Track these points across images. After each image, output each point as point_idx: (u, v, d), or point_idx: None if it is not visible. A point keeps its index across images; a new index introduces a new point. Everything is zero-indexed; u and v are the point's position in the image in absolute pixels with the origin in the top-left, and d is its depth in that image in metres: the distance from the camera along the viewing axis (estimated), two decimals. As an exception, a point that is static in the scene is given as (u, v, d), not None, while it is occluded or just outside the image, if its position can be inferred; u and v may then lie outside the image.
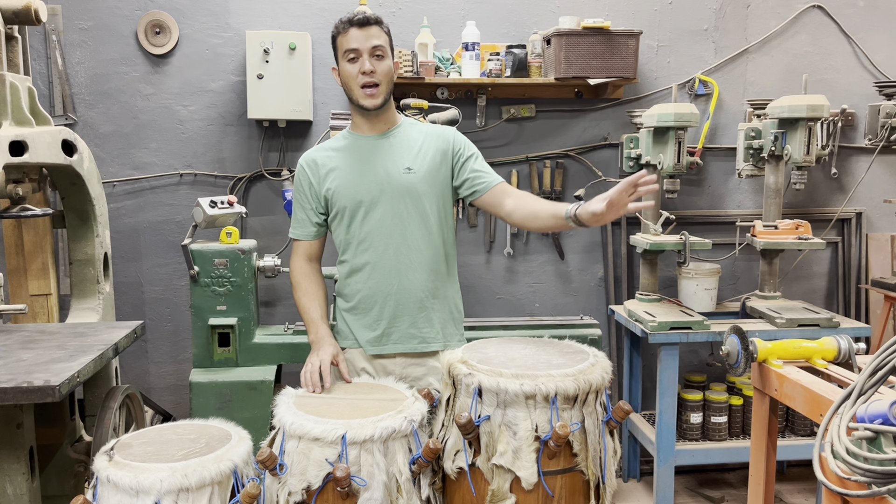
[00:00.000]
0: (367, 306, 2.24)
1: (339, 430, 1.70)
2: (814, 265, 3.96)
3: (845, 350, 1.97)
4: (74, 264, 2.88)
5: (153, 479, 1.57)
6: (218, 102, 3.58)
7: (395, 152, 2.23)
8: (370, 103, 2.17)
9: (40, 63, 3.45)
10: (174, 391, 3.72)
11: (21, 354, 2.16)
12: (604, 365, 1.88)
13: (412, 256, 2.21)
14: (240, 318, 3.10)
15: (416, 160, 2.22)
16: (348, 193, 2.20)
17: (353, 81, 2.16)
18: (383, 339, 2.23)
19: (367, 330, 2.25)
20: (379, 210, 2.19)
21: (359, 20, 2.13)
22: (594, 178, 3.76)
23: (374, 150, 2.23)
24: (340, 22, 2.16)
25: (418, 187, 2.21)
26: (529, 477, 1.73)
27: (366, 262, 2.22)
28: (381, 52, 2.15)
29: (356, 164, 2.22)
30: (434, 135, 2.28)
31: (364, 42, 2.12)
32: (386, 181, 2.19)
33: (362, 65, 2.13)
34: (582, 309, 3.82)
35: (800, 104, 3.20)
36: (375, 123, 2.25)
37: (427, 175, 2.22)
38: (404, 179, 2.20)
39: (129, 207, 3.59)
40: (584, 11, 3.62)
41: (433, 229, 2.23)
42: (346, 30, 2.14)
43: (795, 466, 3.91)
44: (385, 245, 2.20)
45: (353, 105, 2.23)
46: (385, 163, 2.21)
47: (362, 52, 2.13)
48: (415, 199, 2.20)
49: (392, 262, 2.20)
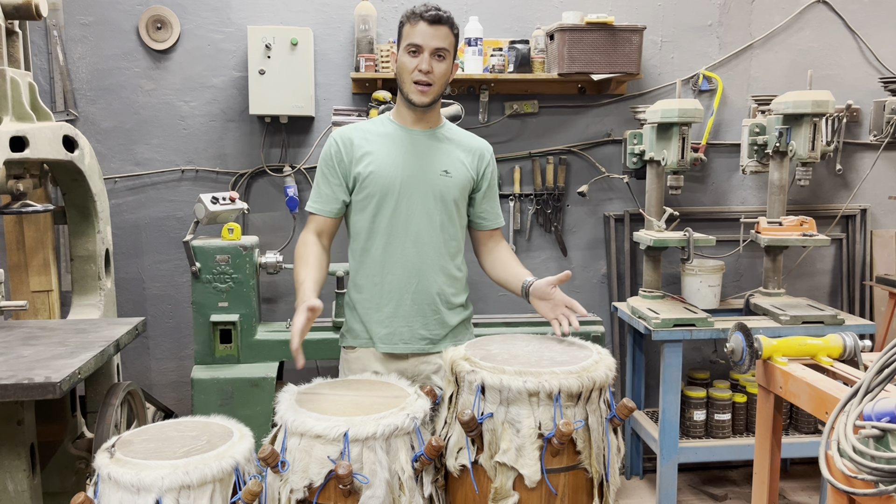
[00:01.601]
0: (384, 302, 2.20)
1: (341, 427, 1.69)
2: (818, 262, 3.94)
3: (851, 347, 1.96)
4: (76, 260, 2.87)
5: (154, 477, 1.56)
6: (219, 98, 3.57)
7: (434, 152, 2.22)
8: (419, 100, 2.15)
9: (41, 58, 3.44)
10: (176, 388, 3.71)
11: (22, 351, 2.15)
12: (607, 362, 1.86)
13: (434, 258, 2.21)
14: (241, 314, 3.09)
15: (453, 165, 2.23)
16: (382, 181, 2.16)
17: (407, 75, 2.13)
18: (394, 337, 2.21)
19: (379, 326, 2.22)
20: (409, 205, 2.17)
21: (431, 16, 2.09)
22: (597, 174, 3.75)
23: (415, 144, 2.21)
24: (412, 12, 2.11)
25: (451, 192, 2.21)
26: (533, 475, 1.72)
27: (388, 255, 2.19)
28: (443, 54, 2.13)
29: (395, 153, 2.19)
30: (473, 148, 2.29)
31: (429, 40, 2.09)
32: (422, 178, 2.18)
33: (421, 63, 2.10)
34: (585, 306, 3.74)
35: (804, 100, 3.18)
36: (420, 119, 2.23)
37: (460, 182, 2.23)
38: (440, 181, 2.20)
39: (130, 203, 3.58)
40: (587, 7, 3.61)
41: (456, 234, 2.26)
42: (416, 22, 2.09)
43: (799, 464, 3.90)
44: (411, 242, 2.19)
45: (400, 96, 2.21)
46: (423, 160, 2.20)
47: (424, 50, 2.10)
48: (445, 203, 2.21)
49: (415, 261, 2.19)
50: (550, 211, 3.74)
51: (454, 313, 2.27)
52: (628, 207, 3.80)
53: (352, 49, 3.56)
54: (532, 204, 3.74)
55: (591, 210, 3.80)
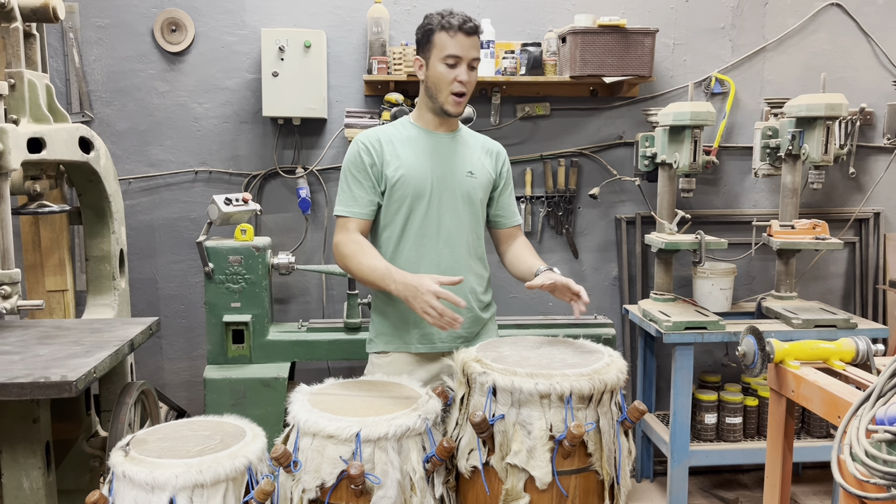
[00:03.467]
0: None
1: (353, 427, 1.70)
2: (831, 265, 3.93)
3: (863, 351, 1.95)
4: (90, 261, 2.90)
5: (168, 475, 1.58)
6: (233, 100, 3.59)
7: (458, 154, 2.26)
8: (456, 111, 2.19)
9: (58, 60, 3.48)
10: (188, 387, 3.74)
11: (38, 350, 2.17)
12: (619, 365, 1.87)
13: (465, 257, 2.25)
14: (254, 314, 3.11)
15: (476, 166, 2.28)
16: (414, 183, 2.19)
17: (444, 85, 2.15)
18: (433, 336, 2.23)
19: (415, 328, 2.23)
20: (439, 206, 2.21)
21: (470, 28, 2.11)
22: (609, 176, 3.74)
23: (441, 146, 2.25)
24: (447, 21, 2.11)
25: (477, 193, 2.27)
26: (544, 476, 1.73)
27: (422, 256, 2.21)
28: (475, 64, 2.17)
29: (422, 156, 2.22)
30: (488, 148, 2.36)
31: (468, 51, 2.12)
32: (451, 179, 2.22)
33: (461, 74, 2.13)
34: (596, 308, 3.81)
35: (818, 103, 3.17)
36: (443, 123, 2.27)
37: (483, 183, 2.29)
38: (466, 182, 2.24)
39: (144, 204, 3.61)
40: (599, 9, 3.61)
41: (481, 234, 2.32)
42: (455, 33, 2.11)
43: (811, 468, 3.87)
44: (444, 243, 2.22)
45: (429, 103, 2.23)
46: (450, 162, 2.23)
47: (463, 62, 2.12)
48: (472, 203, 2.26)
49: (448, 261, 2.22)
50: (562, 213, 3.74)
51: (485, 311, 2.33)
52: (640, 210, 3.79)
53: (364, 51, 3.57)
54: (543, 206, 3.74)
55: (602, 212, 3.80)
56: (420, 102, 2.27)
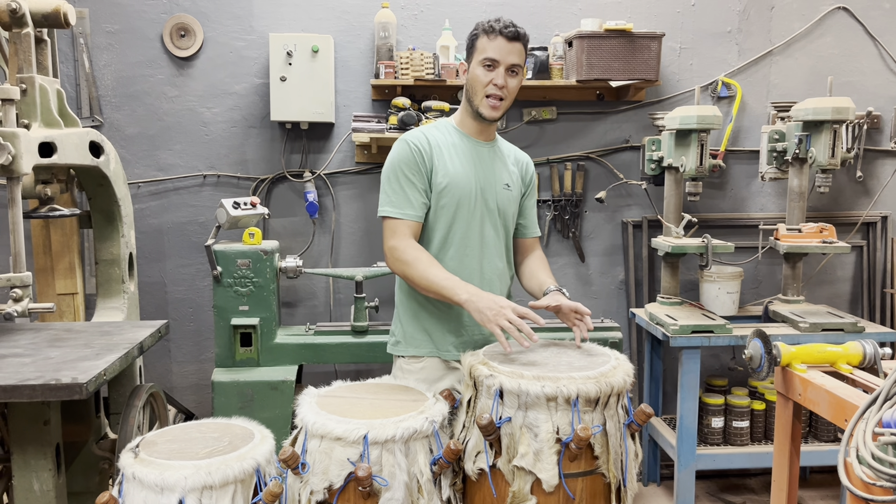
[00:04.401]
0: (457, 310, 2.17)
1: (360, 429, 1.71)
2: (838, 269, 3.92)
3: (870, 355, 1.95)
4: (100, 264, 2.92)
5: (178, 477, 1.59)
6: (241, 104, 3.61)
7: (497, 165, 2.27)
8: (491, 115, 2.18)
9: (68, 66, 3.51)
10: (196, 390, 3.75)
11: (49, 352, 2.19)
12: (625, 368, 1.87)
13: (499, 267, 2.27)
14: (262, 318, 3.12)
15: (511, 178, 2.29)
16: (460, 191, 2.18)
17: (480, 87, 2.15)
18: (469, 344, 2.21)
19: (451, 335, 2.23)
20: (480, 215, 2.21)
21: (510, 33, 2.12)
22: (615, 180, 3.75)
23: (482, 156, 2.25)
24: (490, 25, 2.13)
25: (511, 206, 2.29)
26: (550, 479, 1.73)
27: (463, 265, 2.20)
28: (516, 70, 2.17)
29: (467, 165, 2.21)
30: (520, 160, 2.38)
31: (506, 56, 2.13)
32: (490, 190, 2.23)
33: (497, 77, 2.13)
34: (603, 312, 3.81)
35: (825, 106, 3.17)
36: (484, 131, 2.27)
37: (516, 196, 2.31)
38: (503, 195, 2.26)
39: (153, 208, 3.64)
40: (606, 14, 3.62)
41: (509, 245, 2.33)
42: (494, 37, 2.12)
43: (818, 473, 3.86)
44: (483, 252, 2.23)
45: (468, 107, 2.22)
46: (491, 173, 2.24)
47: (500, 65, 2.13)
48: (505, 216, 2.27)
49: (487, 269, 2.24)
50: (568, 217, 3.75)
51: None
52: (646, 214, 3.80)
53: (372, 56, 3.59)
54: (550, 210, 3.75)
55: (609, 216, 3.81)
56: (461, 108, 2.28)
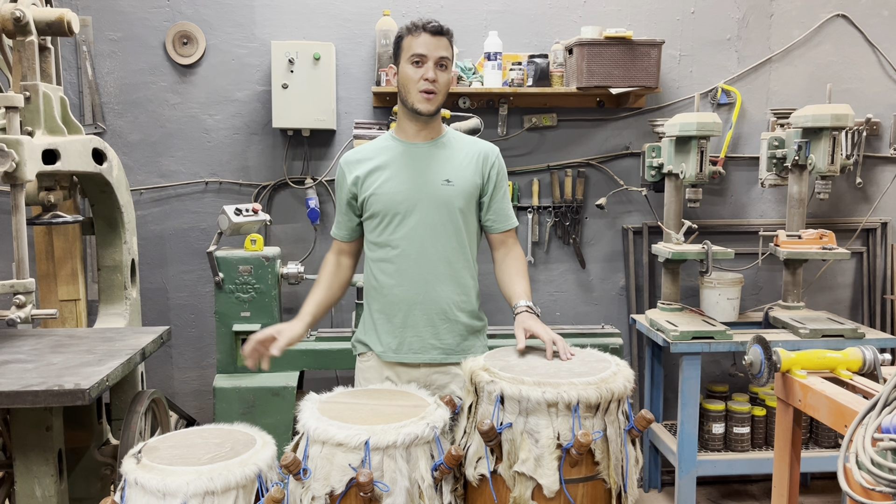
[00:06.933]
0: (392, 312, 2.24)
1: (362, 435, 1.71)
2: (838, 275, 3.93)
3: (870, 361, 1.95)
4: (102, 270, 2.93)
5: (180, 482, 1.60)
6: (243, 112, 3.63)
7: (436, 162, 2.24)
8: (425, 108, 2.17)
9: (71, 73, 3.53)
10: (198, 396, 3.76)
11: (51, 358, 2.20)
12: (626, 374, 1.88)
13: (441, 268, 2.21)
14: (263, 324, 3.13)
15: (455, 173, 2.23)
16: (386, 199, 2.21)
17: (412, 84, 2.16)
18: (404, 347, 2.23)
19: (389, 336, 2.25)
20: (413, 219, 2.20)
21: (433, 28, 2.15)
22: (616, 187, 3.76)
23: (415, 157, 2.24)
24: (413, 25, 2.17)
25: (455, 201, 2.22)
26: (551, 485, 1.73)
27: (395, 268, 2.22)
28: (445, 64, 2.18)
29: (396, 171, 2.22)
30: (477, 151, 2.29)
31: (433, 50, 2.15)
32: (424, 191, 2.20)
33: (426, 71, 2.15)
34: (603, 318, 3.82)
35: (824, 113, 3.18)
36: (422, 130, 2.25)
37: (464, 189, 2.23)
38: (442, 191, 2.21)
39: (155, 215, 3.65)
40: (606, 21, 3.64)
41: (463, 242, 2.25)
42: (419, 34, 2.15)
43: (819, 479, 3.86)
44: (417, 254, 2.20)
45: (403, 108, 2.24)
46: (425, 172, 2.22)
47: (429, 59, 2.15)
48: (450, 212, 2.22)
49: (421, 272, 2.21)
50: (569, 223, 3.76)
51: (465, 324, 2.27)
52: (647, 220, 3.81)
53: (373, 63, 3.61)
54: (550, 216, 3.76)
55: (609, 223, 3.82)
56: (398, 113, 2.29)
